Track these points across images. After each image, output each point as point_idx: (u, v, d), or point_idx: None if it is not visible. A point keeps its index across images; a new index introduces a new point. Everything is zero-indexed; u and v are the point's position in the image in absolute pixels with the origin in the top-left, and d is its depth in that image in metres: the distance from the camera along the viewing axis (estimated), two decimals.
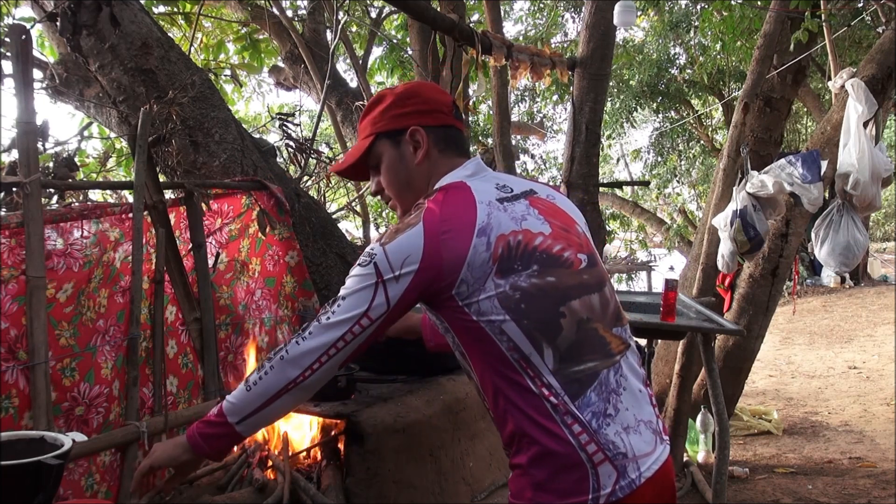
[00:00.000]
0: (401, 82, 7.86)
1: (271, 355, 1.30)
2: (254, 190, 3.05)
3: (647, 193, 15.80)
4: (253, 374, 1.31)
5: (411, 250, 1.25)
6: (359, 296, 1.27)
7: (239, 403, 1.30)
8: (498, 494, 2.02)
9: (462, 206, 1.30)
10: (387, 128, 1.43)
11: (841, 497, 3.93)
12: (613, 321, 1.36)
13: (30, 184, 2.14)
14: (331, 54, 4.70)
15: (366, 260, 1.28)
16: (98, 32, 3.02)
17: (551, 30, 10.45)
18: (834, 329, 9.60)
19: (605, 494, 1.23)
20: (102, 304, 2.44)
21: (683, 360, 3.94)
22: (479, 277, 1.25)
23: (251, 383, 1.30)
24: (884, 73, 4.02)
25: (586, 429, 1.24)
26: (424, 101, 1.43)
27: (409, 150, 1.42)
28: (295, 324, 3.15)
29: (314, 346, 1.27)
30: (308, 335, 1.28)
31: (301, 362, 1.27)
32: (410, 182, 1.43)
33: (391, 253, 1.26)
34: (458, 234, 1.26)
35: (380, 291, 1.26)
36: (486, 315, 1.25)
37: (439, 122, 1.43)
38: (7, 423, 2.09)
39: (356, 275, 1.28)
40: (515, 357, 1.25)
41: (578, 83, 4.45)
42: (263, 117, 7.72)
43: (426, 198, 1.34)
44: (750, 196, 3.87)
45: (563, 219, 1.38)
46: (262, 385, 1.29)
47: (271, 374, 1.29)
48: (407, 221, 1.29)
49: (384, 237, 1.29)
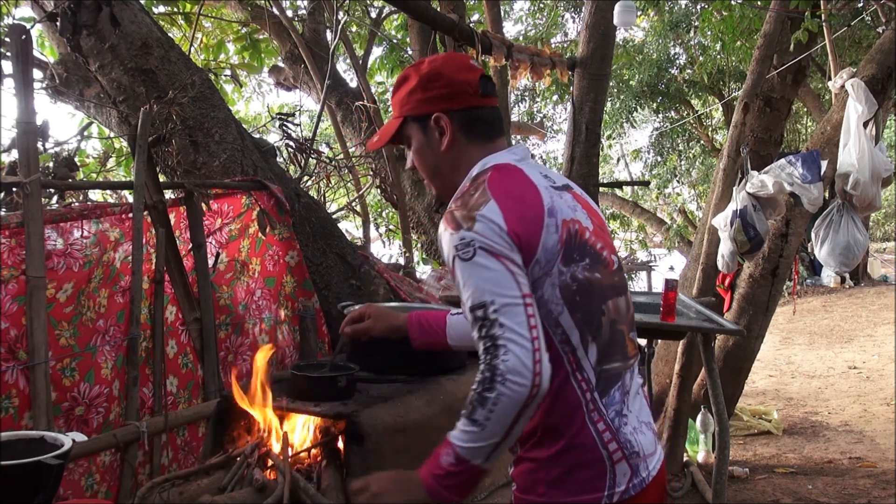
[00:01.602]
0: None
1: (487, 385, 1.15)
2: (254, 190, 3.05)
3: (647, 193, 15.79)
4: (479, 411, 1.16)
5: (497, 223, 1.20)
6: (495, 282, 1.17)
7: (481, 444, 1.17)
8: (498, 494, 2.02)
9: (526, 185, 1.27)
10: (412, 112, 1.38)
11: (841, 497, 3.93)
12: (632, 325, 1.38)
13: (30, 184, 2.14)
14: (331, 54, 4.70)
15: (468, 252, 1.19)
16: (98, 32, 3.02)
17: (551, 30, 10.45)
18: (834, 329, 9.60)
19: (619, 492, 1.24)
20: (102, 304, 2.44)
21: (683, 360, 3.94)
22: (549, 261, 1.23)
23: (482, 420, 1.16)
24: (884, 73, 4.02)
25: (609, 426, 1.25)
26: (448, 84, 1.36)
27: (435, 137, 1.37)
28: (294, 324, 3.15)
29: (521, 349, 1.15)
30: (504, 344, 1.15)
31: (524, 373, 1.14)
32: (438, 167, 1.39)
33: (483, 230, 1.19)
34: (532, 211, 1.24)
35: (507, 263, 1.18)
36: (546, 304, 1.23)
37: (465, 104, 1.36)
38: (7, 423, 2.09)
39: (473, 270, 1.19)
40: (565, 349, 1.24)
41: (578, 83, 4.45)
42: (263, 117, 7.72)
43: (481, 175, 1.31)
44: (750, 196, 3.87)
45: (598, 218, 1.38)
46: (497, 415, 1.16)
47: (503, 401, 1.15)
48: (474, 202, 1.23)
49: (461, 222, 1.21)
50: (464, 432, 1.19)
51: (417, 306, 2.55)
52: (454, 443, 1.20)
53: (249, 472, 1.70)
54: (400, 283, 3.55)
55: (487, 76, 1.40)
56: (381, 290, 3.41)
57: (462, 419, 1.21)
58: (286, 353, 3.11)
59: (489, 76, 1.42)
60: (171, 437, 2.62)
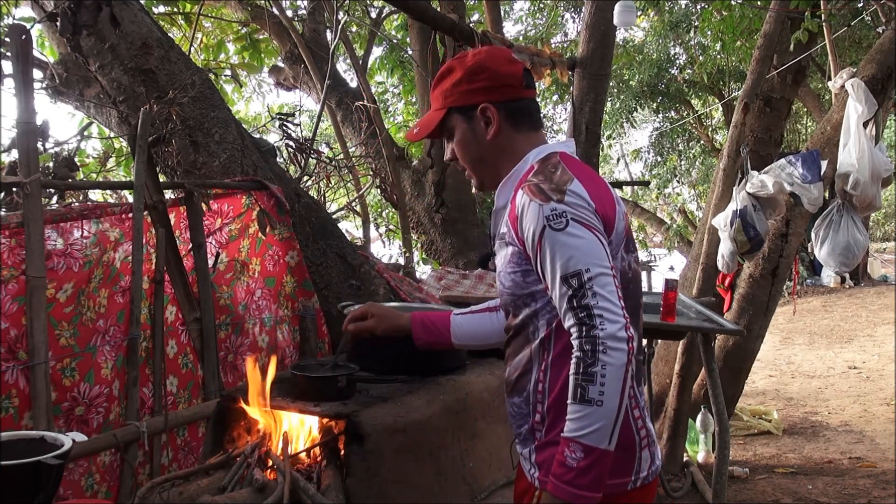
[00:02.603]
0: (401, 82, 7.89)
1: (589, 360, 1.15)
2: (254, 190, 3.05)
3: (647, 193, 15.79)
4: (590, 388, 1.15)
5: (584, 197, 1.24)
6: (588, 251, 1.19)
7: (603, 422, 1.15)
8: (498, 494, 2.02)
9: (593, 175, 1.33)
10: (457, 103, 1.41)
11: (841, 497, 3.93)
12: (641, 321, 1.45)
13: (30, 184, 2.14)
14: (331, 54, 4.70)
15: (560, 221, 1.20)
16: (98, 32, 3.02)
17: (551, 30, 10.45)
18: (834, 329, 9.59)
19: (642, 477, 1.30)
20: (102, 304, 2.44)
21: (683, 360, 3.94)
22: (616, 246, 1.28)
23: (596, 397, 1.15)
24: (884, 73, 4.02)
25: (642, 413, 1.31)
26: (494, 76, 1.39)
27: (481, 126, 1.40)
28: (294, 324, 3.15)
29: (614, 315, 1.17)
30: (599, 314, 1.16)
31: (620, 338, 1.16)
32: (483, 157, 1.42)
33: (575, 202, 1.22)
34: (607, 197, 1.30)
35: (597, 234, 1.21)
36: None
37: (510, 96, 1.40)
38: (7, 423, 2.09)
39: (567, 240, 1.20)
40: None
41: (578, 83, 4.45)
42: (263, 117, 7.72)
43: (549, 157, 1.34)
44: (750, 196, 3.87)
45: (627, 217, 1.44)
46: (609, 387, 1.15)
47: (609, 370, 1.15)
48: (559, 177, 1.27)
49: (551, 195, 1.23)
50: (582, 418, 1.16)
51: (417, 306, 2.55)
52: (574, 437, 1.17)
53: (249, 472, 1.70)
54: (400, 283, 3.55)
55: (528, 69, 1.45)
56: (381, 290, 3.41)
57: (572, 407, 1.18)
58: (286, 353, 3.11)
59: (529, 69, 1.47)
60: (171, 437, 2.62)
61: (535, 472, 1.31)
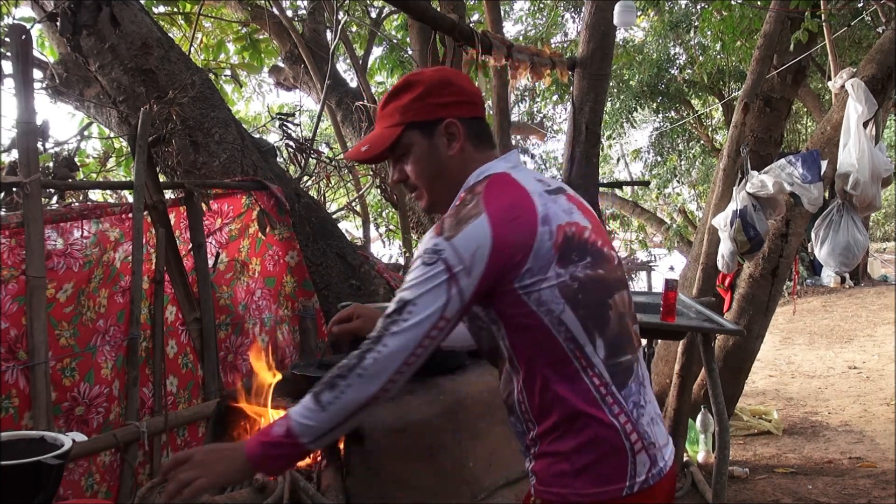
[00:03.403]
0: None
1: (344, 372, 1.23)
2: (254, 190, 3.05)
3: (647, 193, 15.79)
4: (326, 393, 1.23)
5: (481, 240, 1.22)
6: (431, 295, 1.22)
7: (313, 425, 1.23)
8: (498, 494, 2.02)
9: (520, 195, 1.29)
10: (419, 118, 1.36)
11: (841, 497, 3.93)
12: (635, 318, 1.41)
13: (30, 184, 2.14)
14: (331, 54, 4.70)
15: (431, 257, 1.22)
16: (98, 32, 3.02)
17: (551, 30, 10.45)
18: (834, 329, 9.59)
19: (640, 482, 1.27)
20: (102, 304, 2.44)
21: (683, 360, 3.93)
22: (543, 266, 1.25)
23: (325, 402, 1.23)
24: (884, 73, 4.02)
25: (629, 418, 1.27)
26: (459, 92, 1.38)
27: (443, 142, 1.37)
28: (294, 324, 3.15)
29: (391, 358, 1.22)
30: (383, 347, 1.22)
31: (380, 377, 1.22)
32: (442, 174, 1.38)
33: (460, 245, 1.22)
34: (525, 222, 1.25)
35: (453, 287, 1.22)
36: (545, 304, 1.25)
37: (473, 113, 1.39)
38: (7, 423, 2.09)
39: (423, 275, 1.23)
40: (571, 347, 1.26)
41: (578, 83, 4.45)
42: (263, 117, 7.72)
43: (476, 186, 1.32)
44: (750, 196, 3.87)
45: (593, 218, 1.41)
46: (340, 404, 1.23)
47: (349, 392, 1.22)
48: (466, 213, 1.25)
49: (445, 231, 1.24)
50: (305, 408, 1.24)
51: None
52: (292, 416, 1.25)
53: None
54: (400, 283, 3.54)
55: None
56: (381, 290, 3.41)
57: (308, 395, 1.26)
58: (286, 353, 3.11)
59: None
60: (171, 437, 2.62)
61: (533, 480, 1.32)
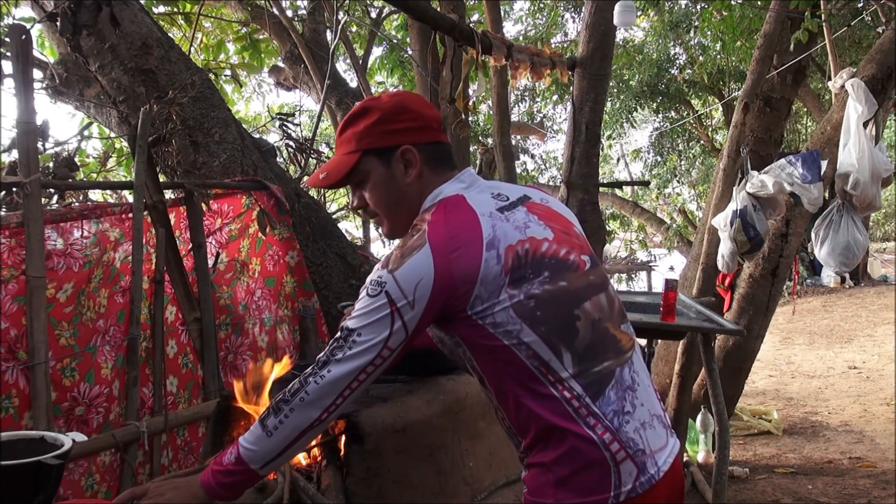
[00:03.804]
0: (401, 82, 7.89)
1: (287, 397, 1.27)
2: (254, 190, 3.05)
3: (647, 193, 15.79)
4: (271, 419, 1.27)
5: (423, 273, 1.22)
6: (375, 327, 1.24)
7: (260, 450, 1.27)
8: (498, 494, 2.02)
9: (465, 222, 1.27)
10: (375, 145, 1.36)
11: (841, 497, 3.93)
12: (620, 318, 1.38)
13: (30, 184, 2.14)
14: (331, 54, 4.70)
15: (375, 289, 1.24)
16: (98, 32, 3.02)
17: (551, 30, 10.45)
18: (834, 329, 9.59)
19: (626, 491, 1.25)
20: (102, 304, 2.45)
21: (683, 360, 3.93)
22: (493, 291, 1.24)
23: (270, 428, 1.27)
24: (884, 73, 4.02)
25: (609, 428, 1.25)
26: (415, 117, 1.37)
27: (400, 169, 1.36)
28: (294, 324, 3.15)
29: (334, 384, 1.25)
30: (327, 373, 1.25)
31: (322, 402, 1.25)
32: (400, 201, 1.38)
33: (402, 279, 1.23)
34: (468, 251, 1.24)
35: (396, 320, 1.23)
36: (502, 326, 1.24)
37: (430, 138, 1.38)
38: (7, 423, 2.09)
39: (368, 306, 1.24)
40: (535, 364, 1.25)
41: (578, 83, 4.45)
42: (263, 117, 7.72)
43: (424, 213, 1.31)
44: (750, 196, 3.87)
45: (561, 222, 1.37)
46: (284, 430, 1.26)
47: (292, 417, 1.26)
48: (411, 244, 1.25)
49: (390, 263, 1.25)
50: (252, 434, 1.29)
51: None
52: (241, 443, 1.29)
53: None
54: None
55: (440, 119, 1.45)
56: None
57: (256, 421, 1.29)
58: (286, 353, 3.11)
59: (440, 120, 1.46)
60: (171, 437, 2.62)
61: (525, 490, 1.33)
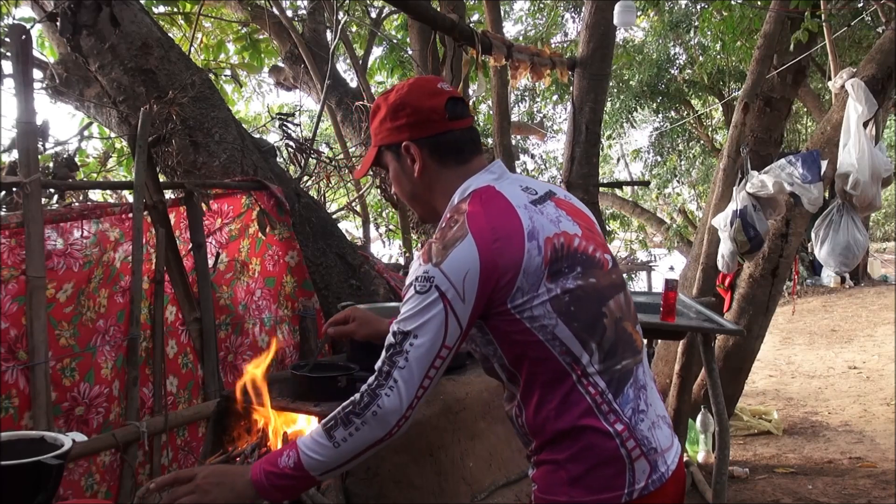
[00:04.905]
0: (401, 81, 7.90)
1: (358, 409, 1.23)
2: (254, 190, 3.05)
3: (647, 193, 15.79)
4: (339, 430, 1.23)
5: (469, 264, 1.21)
6: (430, 325, 1.22)
7: (325, 460, 1.24)
8: (498, 494, 2.02)
9: (504, 212, 1.28)
10: (385, 141, 1.41)
11: (841, 497, 3.93)
12: (636, 319, 1.39)
13: (30, 184, 2.14)
14: (331, 54, 4.70)
15: (424, 285, 1.22)
16: (98, 32, 3.02)
17: (551, 30, 10.45)
18: (834, 329, 9.59)
19: (639, 489, 1.26)
20: (102, 304, 2.45)
21: (683, 360, 3.93)
22: (534, 283, 1.24)
23: (339, 440, 1.23)
24: (884, 73, 4.02)
25: (627, 425, 1.26)
26: (413, 113, 1.37)
27: (408, 164, 1.39)
28: (294, 324, 3.15)
29: (406, 393, 1.22)
30: (394, 383, 1.21)
31: (396, 415, 1.22)
32: (414, 192, 1.42)
33: (450, 271, 1.21)
34: (511, 241, 1.24)
35: (450, 314, 1.21)
36: (539, 321, 1.24)
37: (432, 131, 1.37)
38: (7, 423, 2.09)
39: (419, 304, 1.22)
40: (567, 360, 1.25)
41: (578, 83, 4.45)
42: (263, 117, 7.72)
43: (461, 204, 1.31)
44: (750, 196, 3.87)
45: (585, 219, 1.38)
46: (353, 442, 1.23)
47: (364, 430, 1.22)
48: (452, 235, 1.24)
49: (433, 256, 1.23)
50: (316, 443, 1.24)
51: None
52: (302, 449, 1.25)
53: None
54: (400, 283, 3.55)
55: (456, 98, 1.39)
56: (381, 290, 3.41)
57: (319, 429, 1.25)
58: (286, 353, 3.11)
59: (458, 98, 1.40)
60: (171, 437, 2.62)
61: (534, 487, 1.33)
